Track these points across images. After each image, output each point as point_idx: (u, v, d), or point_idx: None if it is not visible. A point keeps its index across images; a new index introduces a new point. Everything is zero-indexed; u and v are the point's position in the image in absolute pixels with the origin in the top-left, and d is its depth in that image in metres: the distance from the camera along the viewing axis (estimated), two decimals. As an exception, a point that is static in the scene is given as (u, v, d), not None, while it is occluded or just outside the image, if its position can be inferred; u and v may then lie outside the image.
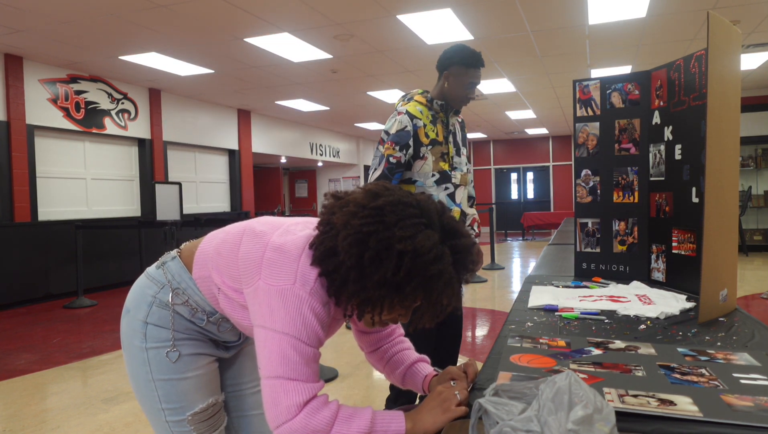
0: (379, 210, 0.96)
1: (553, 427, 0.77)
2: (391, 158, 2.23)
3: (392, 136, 2.24)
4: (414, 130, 2.25)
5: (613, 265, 2.21)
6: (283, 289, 0.98)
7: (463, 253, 0.99)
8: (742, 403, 0.91)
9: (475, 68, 2.29)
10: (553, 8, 5.36)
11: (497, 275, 7.63)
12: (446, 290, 0.97)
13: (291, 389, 0.95)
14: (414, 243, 0.92)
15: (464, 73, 2.28)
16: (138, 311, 1.17)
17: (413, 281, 0.93)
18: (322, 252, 0.98)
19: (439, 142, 2.31)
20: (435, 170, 2.30)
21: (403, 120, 2.25)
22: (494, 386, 0.91)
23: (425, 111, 2.31)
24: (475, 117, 12.04)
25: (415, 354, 1.28)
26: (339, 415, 0.95)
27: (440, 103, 2.33)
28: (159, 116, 8.51)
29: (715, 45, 1.50)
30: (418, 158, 2.27)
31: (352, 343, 4.15)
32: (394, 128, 2.24)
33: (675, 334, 1.39)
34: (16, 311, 5.83)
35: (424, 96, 2.35)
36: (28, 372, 3.66)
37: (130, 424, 2.74)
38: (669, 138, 1.95)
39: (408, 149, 2.24)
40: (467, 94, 2.32)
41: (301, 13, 5.29)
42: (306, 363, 0.97)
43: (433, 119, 2.32)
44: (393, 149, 2.23)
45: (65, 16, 5.24)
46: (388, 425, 0.96)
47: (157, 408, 1.16)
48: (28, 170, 6.62)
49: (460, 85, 2.29)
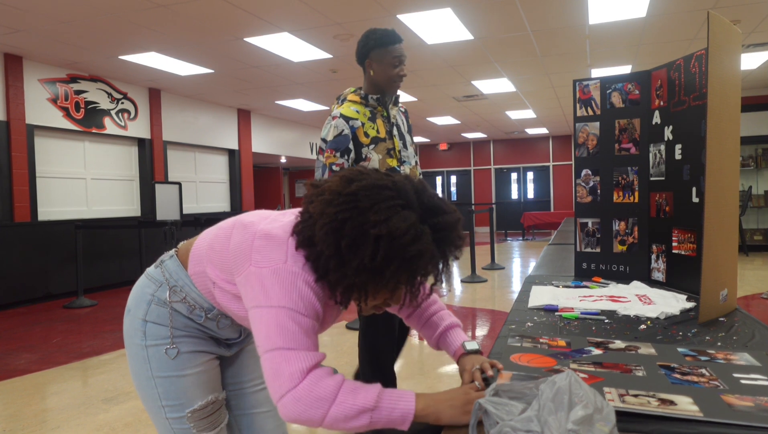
0: (353, 196, 0.95)
1: (553, 427, 0.77)
2: (333, 166, 2.14)
3: (330, 143, 2.15)
4: (352, 132, 2.17)
5: (613, 265, 2.21)
6: (275, 268, 0.99)
7: (447, 230, 0.97)
8: (742, 403, 0.91)
9: (393, 44, 2.19)
10: (553, 8, 5.36)
11: (497, 275, 7.63)
12: (429, 269, 0.96)
13: (292, 357, 0.93)
14: (389, 226, 0.91)
15: (385, 52, 2.19)
16: (138, 309, 1.19)
17: (392, 264, 0.92)
18: (302, 241, 0.99)
19: (381, 138, 2.22)
20: (382, 168, 2.18)
21: (338, 124, 2.16)
22: (494, 386, 0.91)
23: (361, 109, 2.22)
24: (475, 117, 12.04)
25: (447, 316, 1.30)
26: (344, 385, 0.94)
27: (375, 98, 2.24)
28: (159, 116, 8.51)
29: (715, 45, 1.50)
30: (361, 160, 2.19)
31: (352, 343, 4.15)
32: (331, 134, 2.15)
33: (675, 334, 1.39)
34: (16, 311, 5.83)
35: (357, 94, 2.25)
36: (28, 372, 3.66)
37: (130, 424, 2.74)
38: (669, 138, 1.95)
39: (349, 154, 2.16)
40: (398, 72, 2.21)
41: (301, 12, 5.29)
42: (305, 334, 0.95)
43: (372, 115, 2.23)
44: (334, 156, 2.14)
45: (65, 16, 5.24)
46: (395, 402, 0.94)
47: (158, 406, 1.17)
48: (28, 170, 6.62)
49: (387, 66, 2.19)
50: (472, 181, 16.92)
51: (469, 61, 7.26)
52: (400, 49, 2.21)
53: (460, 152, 17.04)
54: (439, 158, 17.23)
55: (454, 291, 6.45)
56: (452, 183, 17.31)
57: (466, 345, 1.20)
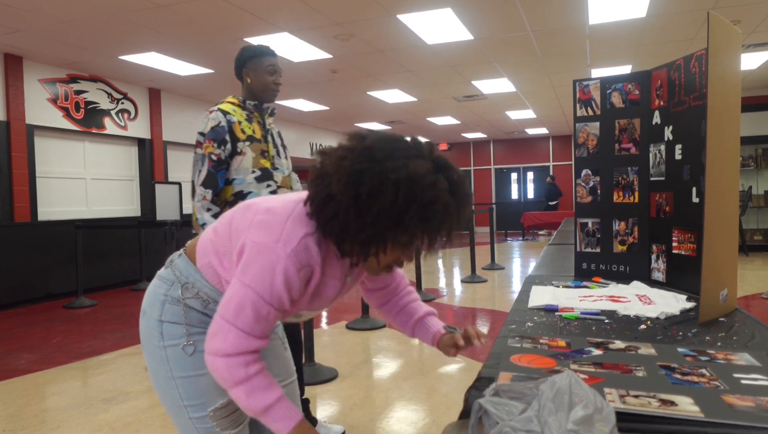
0: (368, 149, 0.98)
1: (553, 427, 0.77)
2: (212, 155, 2.17)
3: (208, 133, 2.18)
4: (228, 125, 2.21)
5: (613, 265, 2.21)
6: (263, 245, 1.01)
7: (458, 184, 1.00)
8: (743, 403, 0.91)
9: (268, 55, 2.31)
10: (553, 8, 5.36)
11: (497, 275, 7.63)
12: (446, 219, 0.98)
13: (231, 336, 1.01)
14: (408, 171, 0.94)
15: (260, 62, 2.30)
16: (153, 310, 1.19)
17: (411, 208, 0.94)
18: (318, 202, 1.00)
19: (257, 139, 2.28)
20: (255, 166, 2.24)
21: (216, 116, 2.21)
22: (494, 386, 0.91)
23: (238, 110, 2.28)
24: (475, 117, 12.04)
25: (424, 306, 1.34)
26: (250, 382, 1.01)
27: (253, 103, 2.33)
28: (159, 116, 8.51)
29: (715, 45, 1.50)
30: (236, 154, 2.22)
31: (352, 343, 4.15)
32: (208, 126, 2.19)
33: (675, 334, 1.39)
34: (16, 311, 5.83)
35: (236, 98, 2.34)
36: (28, 372, 3.66)
37: (130, 424, 2.74)
38: (669, 138, 1.95)
39: (226, 145, 2.19)
40: (273, 81, 2.32)
41: (301, 13, 5.29)
42: (256, 319, 1.01)
43: (248, 117, 2.30)
44: (213, 147, 2.17)
45: (65, 16, 5.24)
46: (278, 417, 1.02)
47: (179, 406, 1.17)
48: (28, 170, 6.62)
49: (262, 74, 2.30)
50: (472, 181, 16.92)
51: (469, 61, 7.26)
52: (275, 61, 2.34)
53: (460, 152, 17.04)
54: (439, 158, 17.21)
55: (455, 291, 6.45)
56: (452, 183, 17.29)
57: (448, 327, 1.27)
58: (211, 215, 2.15)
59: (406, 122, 12.50)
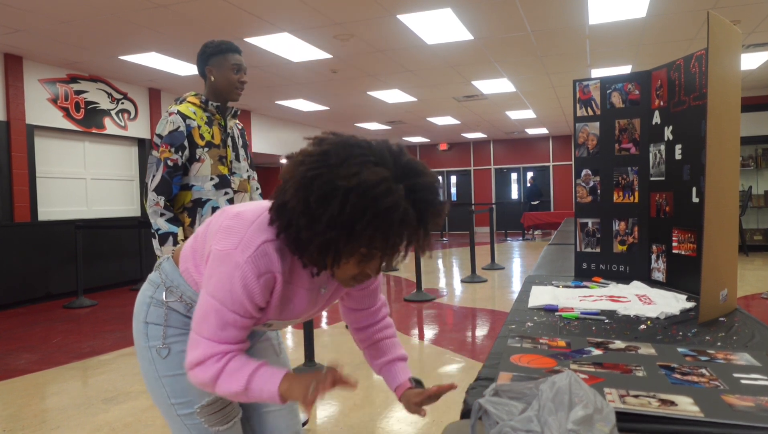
0: (324, 154, 0.94)
1: (553, 427, 0.77)
2: (168, 161, 2.09)
3: (166, 138, 2.11)
4: (188, 130, 2.14)
5: (613, 265, 2.21)
6: (223, 253, 1.00)
7: (424, 191, 0.93)
8: (743, 403, 0.91)
9: (232, 52, 2.23)
10: (553, 8, 5.35)
11: (497, 275, 7.63)
12: (403, 229, 0.92)
13: (200, 345, 1.02)
14: (359, 178, 0.89)
15: (224, 59, 2.22)
16: (140, 313, 1.22)
17: (363, 217, 0.89)
18: (275, 209, 1.00)
19: (216, 145, 2.21)
20: (213, 173, 2.19)
21: (175, 120, 2.13)
22: (494, 386, 0.91)
23: (199, 112, 2.21)
24: (475, 117, 12.04)
25: (398, 348, 1.30)
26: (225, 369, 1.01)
27: (215, 105, 2.25)
28: (159, 116, 8.50)
29: (715, 45, 1.50)
30: (194, 161, 2.16)
31: (352, 343, 4.14)
32: (167, 129, 2.12)
33: (675, 334, 1.39)
34: (16, 311, 5.82)
35: (197, 97, 2.25)
36: (28, 372, 3.66)
37: (130, 424, 2.74)
38: (669, 138, 1.95)
39: (183, 151, 2.12)
40: (238, 79, 2.24)
41: (301, 12, 5.29)
42: (222, 328, 1.01)
43: (209, 120, 2.23)
44: (169, 151, 2.10)
45: (65, 16, 5.24)
46: (264, 384, 1.01)
47: (168, 404, 1.20)
48: (28, 170, 6.62)
49: (227, 71, 2.22)
50: (472, 181, 16.92)
51: (469, 61, 7.26)
52: (239, 59, 2.25)
53: (460, 152, 17.04)
54: (439, 158, 17.23)
55: (454, 291, 6.45)
56: (452, 183, 17.31)
57: (414, 379, 1.24)
58: (165, 220, 2.09)
59: (406, 122, 12.50)
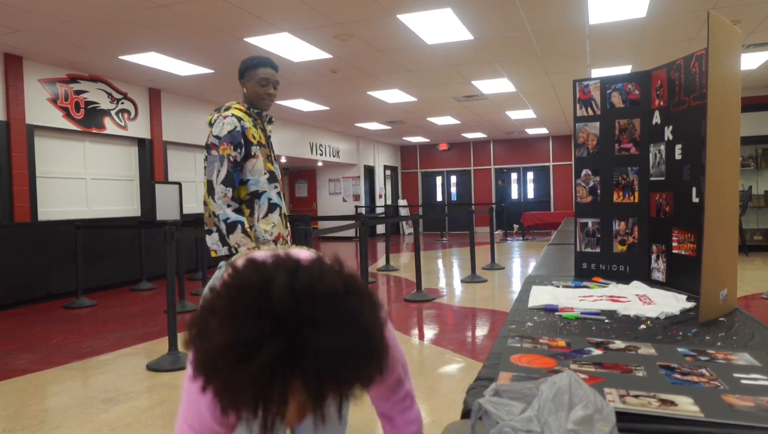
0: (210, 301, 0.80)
1: (553, 427, 0.77)
2: (230, 157, 2.29)
3: (225, 137, 2.29)
4: (243, 130, 2.34)
5: (613, 265, 2.21)
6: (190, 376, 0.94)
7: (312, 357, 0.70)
8: (743, 403, 0.91)
9: (263, 67, 2.42)
10: (553, 8, 5.35)
11: (497, 275, 7.63)
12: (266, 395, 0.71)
13: None
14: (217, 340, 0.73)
15: (254, 73, 2.41)
16: None
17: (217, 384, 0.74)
18: None
19: (263, 144, 2.43)
20: (265, 168, 2.40)
21: (232, 121, 2.32)
22: (494, 386, 0.91)
23: (245, 116, 2.41)
24: (475, 117, 12.03)
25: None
26: None
27: (255, 111, 2.46)
28: (159, 116, 8.50)
29: (715, 45, 1.50)
30: (249, 157, 2.36)
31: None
32: (225, 130, 2.30)
33: (675, 334, 1.39)
34: (16, 311, 5.82)
35: (241, 105, 2.45)
36: (28, 372, 3.66)
37: (130, 424, 2.74)
38: (669, 138, 1.95)
39: (241, 148, 2.32)
40: (265, 91, 2.42)
41: (301, 12, 5.29)
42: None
43: (254, 123, 2.43)
44: (230, 149, 2.29)
45: (65, 16, 5.24)
46: None
47: None
48: (28, 170, 6.61)
49: (255, 85, 2.41)
50: (472, 181, 16.92)
51: (469, 61, 7.26)
52: (270, 73, 2.44)
53: (460, 152, 17.03)
54: (439, 158, 17.23)
55: (455, 291, 6.45)
56: (452, 183, 17.31)
57: None
58: (233, 210, 2.27)
59: (406, 122, 12.50)
